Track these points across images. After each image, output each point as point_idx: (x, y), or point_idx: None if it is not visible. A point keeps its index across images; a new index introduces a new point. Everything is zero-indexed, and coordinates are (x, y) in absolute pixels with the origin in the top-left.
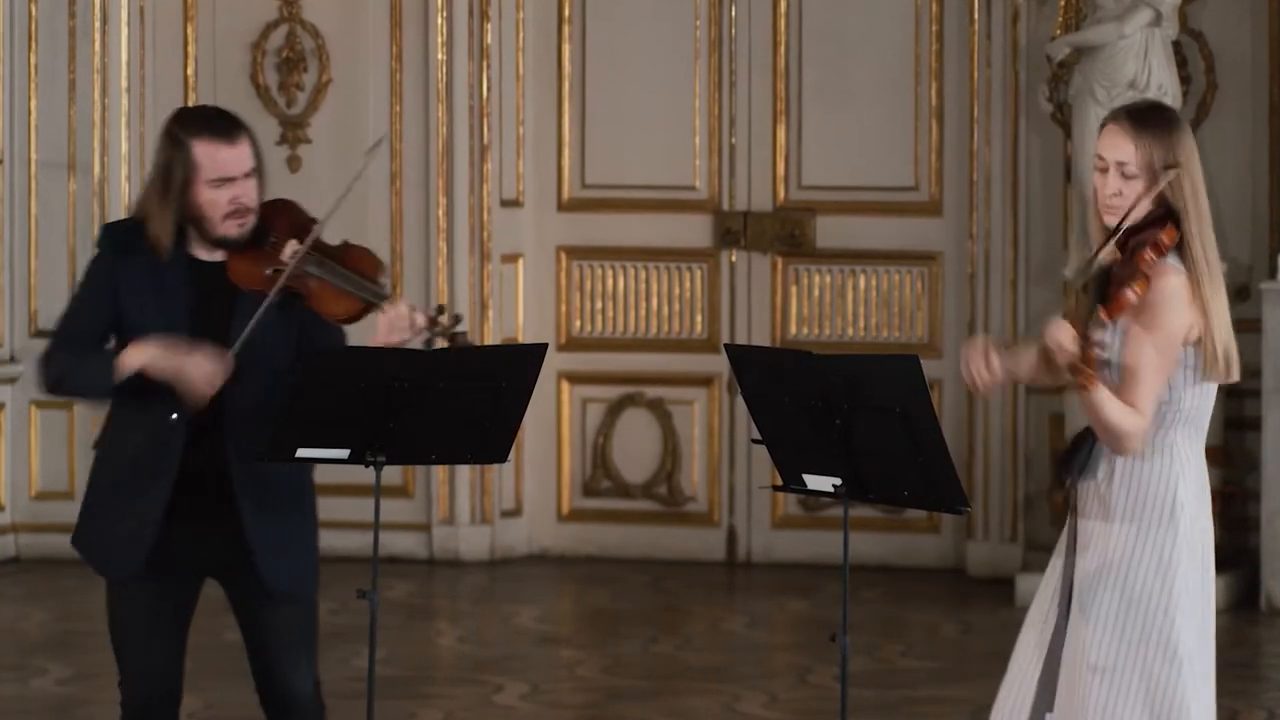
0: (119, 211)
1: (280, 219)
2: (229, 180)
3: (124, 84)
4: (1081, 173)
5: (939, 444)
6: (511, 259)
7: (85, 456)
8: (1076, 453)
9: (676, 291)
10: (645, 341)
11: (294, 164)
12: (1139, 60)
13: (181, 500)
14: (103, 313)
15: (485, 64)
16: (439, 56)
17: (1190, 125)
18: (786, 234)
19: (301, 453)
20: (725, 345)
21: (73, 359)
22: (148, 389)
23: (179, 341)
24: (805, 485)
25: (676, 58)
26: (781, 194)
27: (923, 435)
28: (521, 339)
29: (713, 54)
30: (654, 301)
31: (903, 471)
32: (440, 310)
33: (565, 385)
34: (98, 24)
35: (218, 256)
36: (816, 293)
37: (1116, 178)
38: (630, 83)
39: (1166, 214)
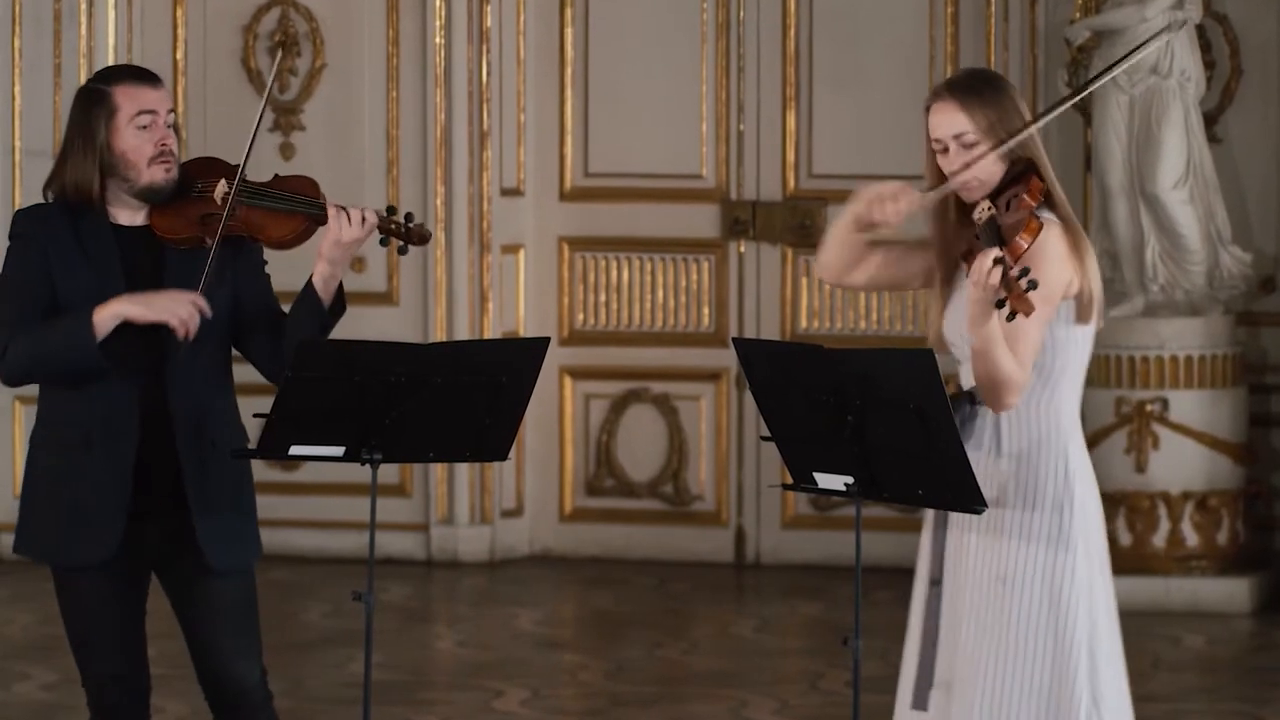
0: None
1: (202, 168)
2: (152, 116)
3: None
4: (1102, 160)
5: (954, 441)
6: (512, 250)
7: None
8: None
9: (683, 283)
10: (650, 335)
11: (287, 151)
12: (1161, 44)
13: (138, 480)
14: (44, 290)
15: (485, 48)
16: (437, 40)
17: (1214, 112)
18: (797, 224)
19: (294, 450)
20: (733, 339)
21: (34, 336)
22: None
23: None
24: (816, 484)
25: (683, 41)
26: (791, 182)
27: (938, 432)
28: (522, 332)
29: (721, 37)
30: (659, 294)
31: (917, 469)
32: (391, 210)
33: (568, 380)
34: (84, 7)
35: (139, 220)
36: (827, 285)
37: (960, 151)
38: (635, 67)
39: (1024, 168)
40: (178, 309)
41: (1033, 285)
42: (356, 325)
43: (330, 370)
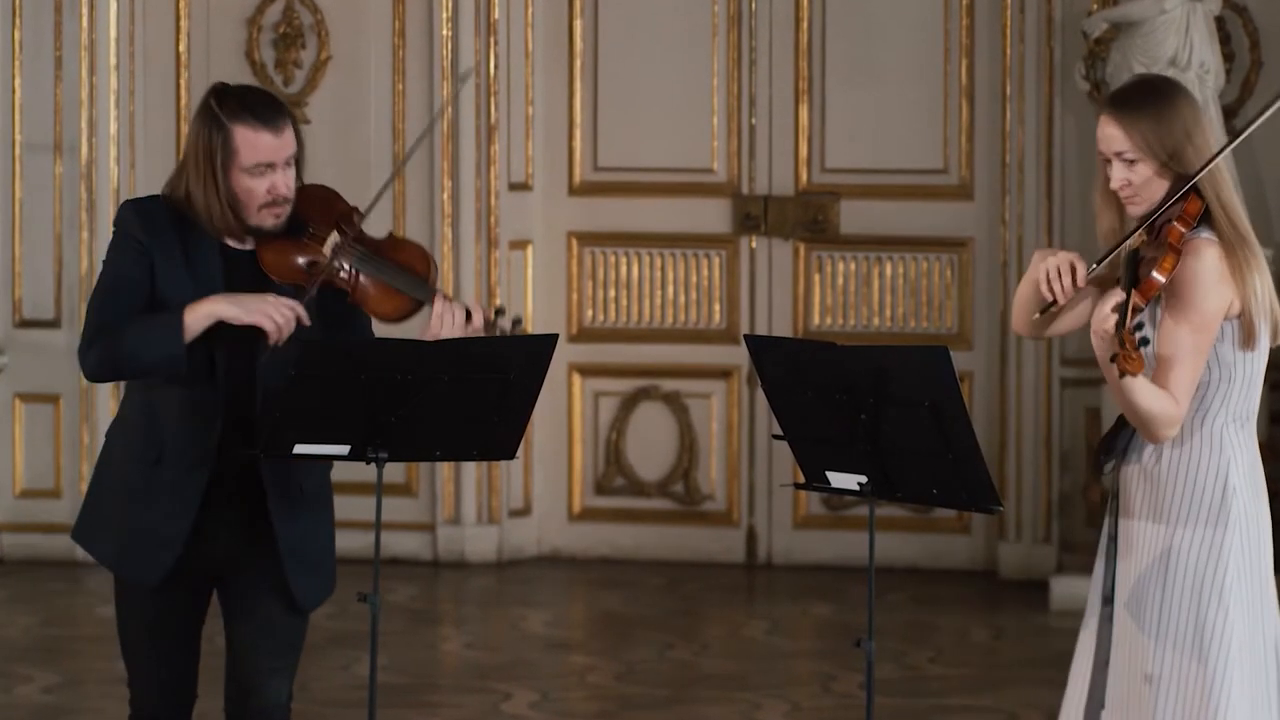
0: (107, 195)
1: (318, 208)
2: (268, 168)
3: (113, 61)
4: None
5: (969, 439)
6: (520, 245)
7: (73, 453)
8: (1118, 436)
9: (694, 279)
10: (661, 332)
11: None
12: (1180, 36)
13: (212, 493)
14: (144, 286)
15: (493, 40)
16: (444, 32)
17: (1234, 105)
18: (809, 219)
19: (299, 449)
20: (745, 336)
21: (125, 330)
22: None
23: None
24: (829, 483)
25: (694, 34)
26: (804, 177)
27: (952, 430)
28: (531, 329)
29: (732, 30)
30: (670, 290)
31: (931, 468)
32: (500, 311)
33: (576, 378)
34: None
35: (248, 245)
36: (840, 281)
37: (1121, 167)
38: (645, 60)
39: (1185, 185)
40: (274, 312)
41: (1144, 342)
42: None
43: (336, 368)
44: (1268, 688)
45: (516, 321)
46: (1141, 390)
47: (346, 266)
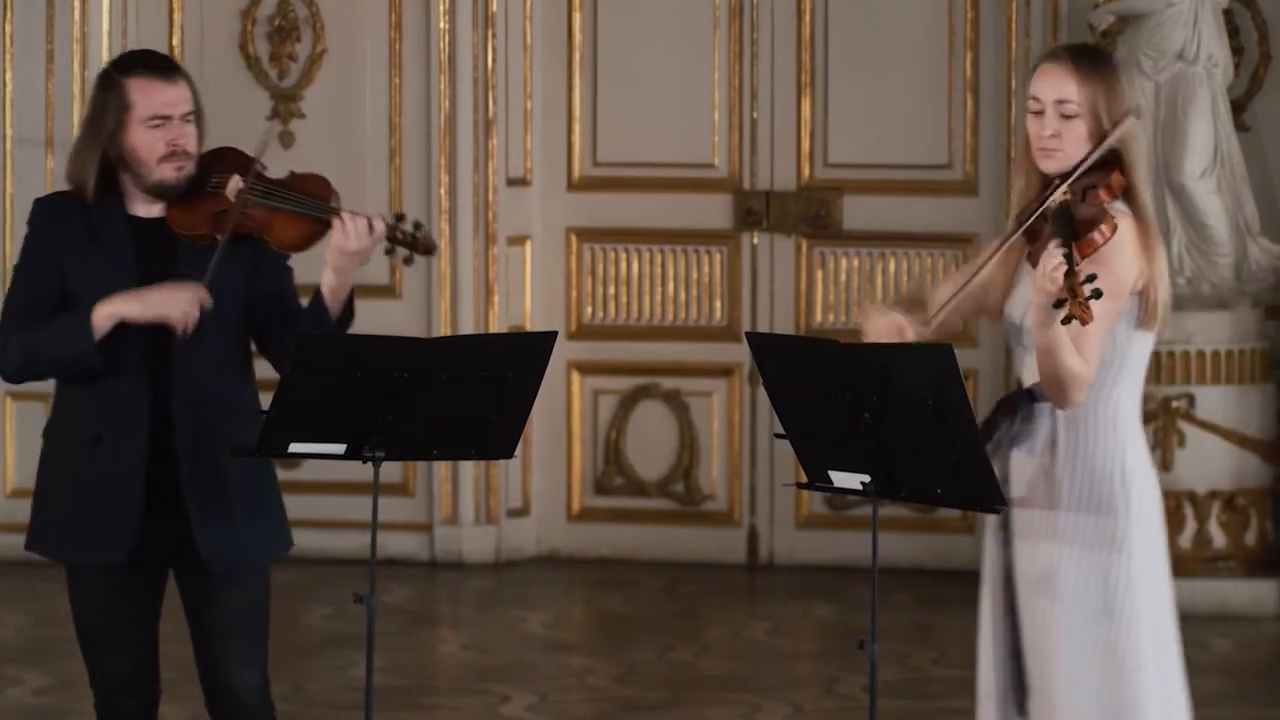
0: None
1: (219, 162)
2: (164, 120)
3: (105, 55)
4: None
5: (974, 438)
6: (518, 241)
7: None
8: (995, 426)
9: (694, 276)
10: (661, 329)
11: (286, 139)
12: (1188, 29)
13: (154, 482)
14: (51, 286)
15: (490, 33)
16: (441, 25)
17: (1243, 99)
18: (811, 214)
19: (294, 448)
20: (746, 333)
21: (34, 333)
22: (106, 354)
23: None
24: (831, 482)
25: (695, 26)
26: (806, 172)
27: (956, 429)
28: (529, 326)
29: (733, 22)
30: (670, 287)
31: (935, 467)
32: (400, 217)
33: (575, 376)
34: None
35: (155, 212)
36: (843, 277)
37: (1055, 118)
38: (645, 53)
39: (1111, 160)
40: (175, 304)
41: (1096, 294)
42: (358, 319)
43: (331, 366)
44: (1170, 660)
45: (418, 225)
46: (1069, 348)
47: (251, 208)
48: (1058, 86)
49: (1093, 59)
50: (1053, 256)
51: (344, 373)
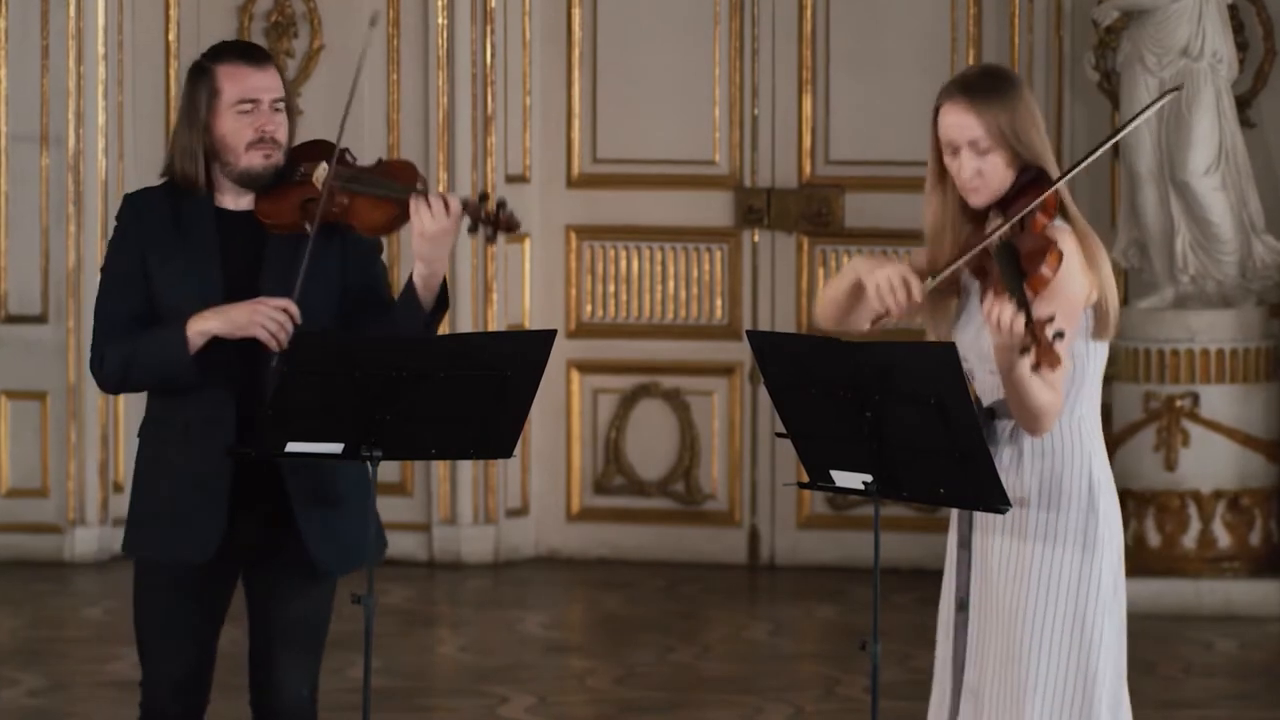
0: (95, 187)
1: (303, 153)
2: (254, 104)
3: (101, 50)
4: (1130, 145)
5: (977, 437)
6: (517, 239)
7: (60, 451)
8: None
9: (695, 274)
10: (661, 328)
11: None
12: (1192, 25)
13: (239, 487)
14: (138, 286)
15: (489, 29)
16: (439, 21)
17: (1247, 95)
18: (813, 212)
19: (291, 447)
20: (747, 331)
21: (130, 346)
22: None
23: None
24: (833, 482)
25: (695, 22)
26: (807, 169)
27: (960, 428)
28: (528, 325)
29: (734, 18)
30: (671, 285)
31: (938, 467)
32: (483, 197)
33: (575, 374)
34: None
35: (245, 205)
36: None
37: (971, 157)
38: (645, 49)
39: (1035, 175)
40: (265, 321)
41: (1059, 335)
42: None
43: (329, 364)
44: (1123, 676)
45: (501, 205)
46: (1038, 383)
47: (338, 193)
48: (962, 127)
49: (986, 87)
50: (1006, 308)
51: (342, 371)
